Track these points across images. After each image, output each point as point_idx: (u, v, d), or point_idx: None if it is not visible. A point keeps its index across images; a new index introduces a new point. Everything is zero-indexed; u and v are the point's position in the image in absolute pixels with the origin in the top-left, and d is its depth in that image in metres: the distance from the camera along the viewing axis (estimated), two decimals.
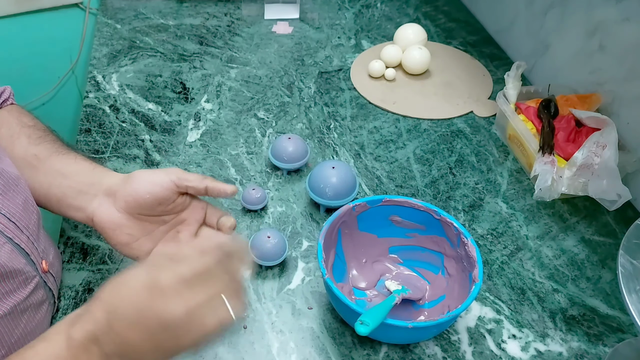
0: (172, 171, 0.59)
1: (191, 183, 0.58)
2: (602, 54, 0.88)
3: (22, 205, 0.57)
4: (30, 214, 0.58)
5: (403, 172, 0.88)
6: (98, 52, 1.10)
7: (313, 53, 1.13)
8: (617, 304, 0.71)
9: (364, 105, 1.01)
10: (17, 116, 0.66)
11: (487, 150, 0.92)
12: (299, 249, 0.75)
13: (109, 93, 1.00)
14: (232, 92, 1.02)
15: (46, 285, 0.60)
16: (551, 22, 1.00)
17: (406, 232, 0.71)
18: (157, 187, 0.57)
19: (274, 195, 0.82)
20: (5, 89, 0.68)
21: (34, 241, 0.58)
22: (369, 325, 0.54)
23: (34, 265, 0.57)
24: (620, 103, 0.85)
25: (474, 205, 0.83)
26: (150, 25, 1.19)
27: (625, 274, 0.52)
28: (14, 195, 0.56)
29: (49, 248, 0.63)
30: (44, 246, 0.60)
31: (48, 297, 0.61)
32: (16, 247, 0.54)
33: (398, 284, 0.68)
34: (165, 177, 0.58)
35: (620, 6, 0.83)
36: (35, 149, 0.62)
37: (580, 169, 0.75)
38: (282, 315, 0.67)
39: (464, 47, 1.17)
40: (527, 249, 0.77)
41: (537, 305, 0.70)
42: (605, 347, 0.66)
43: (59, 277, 0.66)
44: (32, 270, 0.56)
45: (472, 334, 0.66)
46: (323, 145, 0.92)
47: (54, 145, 0.64)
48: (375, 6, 1.30)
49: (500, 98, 0.91)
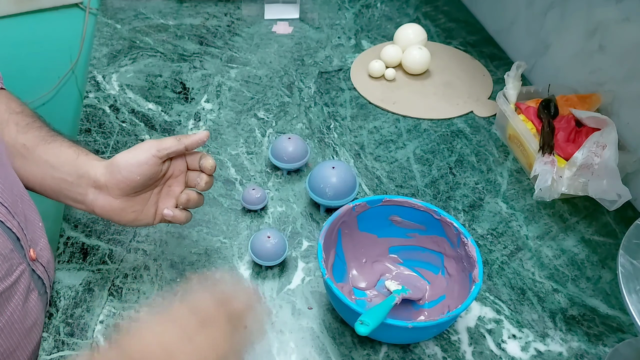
0: (150, 146, 0.61)
1: (171, 149, 0.61)
2: (602, 54, 0.88)
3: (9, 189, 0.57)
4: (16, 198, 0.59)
5: (403, 172, 0.88)
6: (98, 52, 1.10)
7: (313, 53, 1.13)
8: (617, 304, 0.71)
9: (364, 105, 1.01)
10: (5, 102, 0.66)
11: (487, 150, 0.92)
12: (299, 249, 0.75)
13: (109, 93, 1.00)
14: (232, 92, 1.02)
15: (34, 273, 0.60)
16: (551, 22, 1.00)
17: (406, 232, 0.71)
18: (144, 167, 0.60)
19: (274, 195, 0.82)
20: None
21: (23, 227, 0.58)
22: (369, 325, 0.54)
23: (22, 251, 0.57)
24: (620, 103, 0.85)
25: (474, 205, 0.83)
26: (150, 25, 1.19)
27: (625, 274, 0.52)
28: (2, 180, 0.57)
29: (38, 238, 0.63)
30: (31, 235, 0.61)
31: (37, 286, 0.61)
32: (7, 231, 0.55)
33: (398, 284, 0.68)
34: (146, 153, 0.60)
35: (620, 6, 0.83)
36: (24, 138, 0.63)
37: (580, 169, 0.75)
38: (282, 315, 0.67)
39: (464, 47, 1.17)
40: (527, 249, 0.77)
41: (537, 305, 0.70)
42: (605, 347, 0.66)
43: (50, 268, 0.66)
44: (20, 257, 0.57)
45: (472, 334, 0.66)
46: (323, 145, 0.92)
47: (41, 132, 0.64)
48: (375, 6, 1.30)
49: (500, 98, 0.91)
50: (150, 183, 0.62)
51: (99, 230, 0.75)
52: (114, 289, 0.69)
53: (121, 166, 0.60)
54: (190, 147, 0.62)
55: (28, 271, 0.58)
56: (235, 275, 0.70)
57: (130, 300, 0.68)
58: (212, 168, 0.63)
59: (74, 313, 0.66)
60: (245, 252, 0.74)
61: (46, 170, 0.62)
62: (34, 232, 0.63)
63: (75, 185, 0.61)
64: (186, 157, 0.65)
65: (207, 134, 0.63)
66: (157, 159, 0.60)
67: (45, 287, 0.64)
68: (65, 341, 0.63)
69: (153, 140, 0.61)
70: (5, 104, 0.66)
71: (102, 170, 0.61)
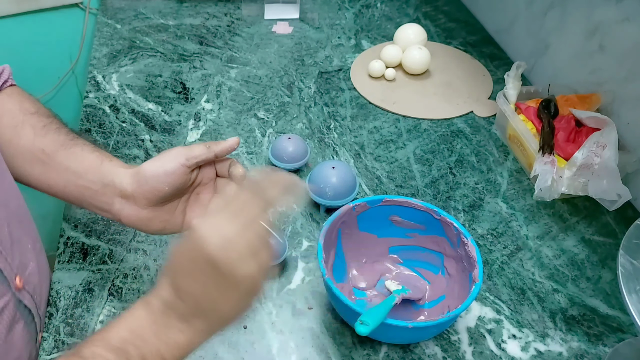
0: (177, 154, 0.57)
1: (200, 158, 0.57)
2: (602, 54, 0.88)
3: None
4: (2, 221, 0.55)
5: (403, 172, 0.88)
6: (98, 52, 1.10)
7: (313, 53, 1.13)
8: (617, 304, 0.71)
9: (364, 105, 1.01)
10: (18, 102, 0.63)
11: (487, 150, 0.92)
12: (299, 249, 0.75)
13: (109, 93, 1.00)
14: (232, 92, 1.02)
15: (20, 304, 0.57)
16: (551, 22, 1.00)
17: (406, 232, 0.71)
18: (172, 177, 0.57)
19: None
20: (5, 69, 0.64)
21: (7, 256, 0.54)
22: (369, 325, 0.54)
23: (5, 282, 0.53)
24: (620, 103, 0.85)
25: (474, 205, 0.83)
26: (150, 25, 1.19)
27: (625, 274, 0.52)
28: None
29: (27, 262, 0.60)
30: (19, 260, 0.57)
31: (23, 316, 0.57)
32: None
33: (398, 284, 0.68)
34: (175, 163, 0.57)
35: (620, 6, 0.83)
36: (42, 142, 0.60)
37: (580, 169, 0.75)
38: (282, 315, 0.67)
39: (464, 47, 1.17)
40: (527, 249, 0.77)
41: (537, 305, 0.70)
42: (605, 347, 0.66)
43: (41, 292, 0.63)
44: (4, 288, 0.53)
45: (472, 334, 0.66)
46: (323, 145, 0.92)
47: (59, 136, 0.61)
48: (375, 6, 1.30)
49: (500, 98, 0.91)
50: (179, 193, 0.59)
51: (99, 230, 0.75)
52: (114, 289, 0.69)
53: (148, 176, 0.56)
54: (220, 155, 0.59)
55: (13, 302, 0.55)
56: None
57: (130, 300, 0.67)
58: (242, 177, 0.59)
59: (74, 313, 0.66)
60: None
61: (69, 178, 0.59)
62: (23, 255, 0.59)
63: (100, 194, 0.58)
64: (215, 164, 0.61)
65: (237, 141, 0.59)
66: (185, 168, 0.57)
67: (33, 315, 0.60)
68: (65, 341, 0.63)
69: (181, 148, 0.58)
70: (19, 104, 0.62)
71: (128, 179, 0.58)
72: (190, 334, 0.45)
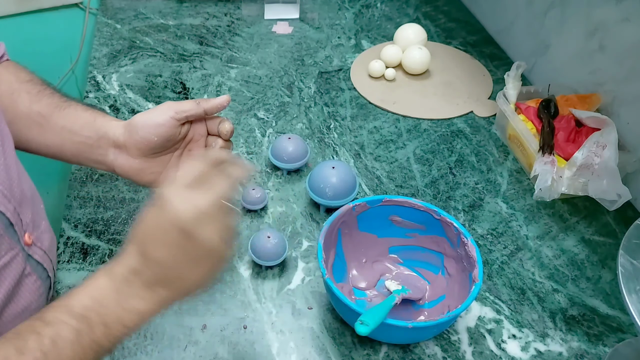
0: (168, 107, 0.61)
1: (189, 112, 0.62)
2: (602, 54, 0.88)
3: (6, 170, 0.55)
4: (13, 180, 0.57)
5: (403, 172, 0.88)
6: (98, 52, 1.10)
7: (313, 53, 1.13)
8: (617, 304, 0.71)
9: (364, 105, 1.01)
10: (14, 72, 0.66)
11: (487, 150, 0.92)
12: (299, 249, 0.75)
13: (109, 93, 1.00)
14: (232, 92, 1.02)
15: (31, 258, 0.58)
16: (551, 22, 1.00)
17: (406, 232, 0.71)
18: (161, 128, 0.60)
19: (274, 195, 0.82)
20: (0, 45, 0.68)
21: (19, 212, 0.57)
22: (369, 325, 0.54)
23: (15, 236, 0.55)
24: (620, 103, 0.85)
25: (474, 205, 0.83)
26: (150, 25, 1.19)
27: (625, 274, 0.52)
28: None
29: (40, 220, 0.62)
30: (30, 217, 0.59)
31: (37, 271, 0.59)
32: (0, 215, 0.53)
33: (398, 284, 0.68)
34: (164, 115, 0.61)
35: (620, 6, 0.83)
36: (38, 106, 0.63)
37: (580, 169, 0.75)
38: (282, 315, 0.67)
39: (464, 47, 1.17)
40: (527, 249, 0.77)
41: (537, 305, 0.70)
42: (605, 347, 0.66)
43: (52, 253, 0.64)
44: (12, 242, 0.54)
45: (472, 334, 0.67)
46: (323, 145, 0.92)
47: (53, 99, 0.64)
48: (375, 6, 1.30)
49: (500, 98, 0.91)
50: (169, 145, 0.63)
51: (99, 230, 0.75)
52: None
53: (139, 126, 0.61)
54: (209, 112, 0.63)
55: (22, 256, 0.56)
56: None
57: None
58: (228, 133, 0.64)
59: None
60: (245, 252, 0.74)
61: (65, 136, 0.62)
62: (37, 214, 0.61)
63: (96, 147, 0.62)
64: (206, 122, 0.65)
65: (227, 98, 0.63)
66: (174, 120, 0.61)
67: (47, 271, 0.61)
68: None
69: (172, 102, 0.62)
70: (14, 74, 0.66)
71: (121, 130, 0.62)
72: (152, 302, 0.47)
